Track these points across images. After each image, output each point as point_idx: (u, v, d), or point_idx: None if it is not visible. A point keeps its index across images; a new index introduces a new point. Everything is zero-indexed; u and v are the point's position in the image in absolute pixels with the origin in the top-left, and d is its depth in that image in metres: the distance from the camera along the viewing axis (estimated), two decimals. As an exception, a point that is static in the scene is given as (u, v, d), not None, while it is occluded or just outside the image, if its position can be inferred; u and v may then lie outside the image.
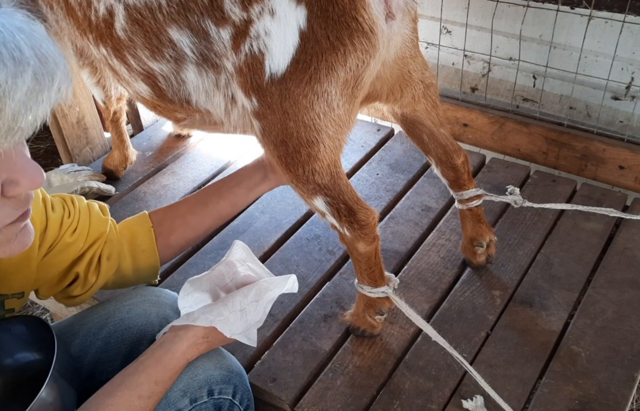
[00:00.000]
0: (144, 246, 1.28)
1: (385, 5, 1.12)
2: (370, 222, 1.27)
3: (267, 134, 1.19)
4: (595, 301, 1.49)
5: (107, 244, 1.24)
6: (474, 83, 2.28)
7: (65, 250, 1.17)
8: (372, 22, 1.09)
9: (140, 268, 1.30)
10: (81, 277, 1.21)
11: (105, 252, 1.23)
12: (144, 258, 1.29)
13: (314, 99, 1.12)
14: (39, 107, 0.75)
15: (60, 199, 1.19)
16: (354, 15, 1.07)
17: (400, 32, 1.22)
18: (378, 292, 1.36)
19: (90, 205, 1.24)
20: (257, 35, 1.09)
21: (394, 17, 1.14)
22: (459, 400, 1.29)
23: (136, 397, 1.03)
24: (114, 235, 1.25)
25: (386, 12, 1.13)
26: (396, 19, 1.16)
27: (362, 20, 1.08)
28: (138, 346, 1.23)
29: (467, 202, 1.53)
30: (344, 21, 1.07)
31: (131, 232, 1.29)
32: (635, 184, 1.88)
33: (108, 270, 1.24)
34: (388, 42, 1.17)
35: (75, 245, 1.18)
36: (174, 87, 1.25)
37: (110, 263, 1.24)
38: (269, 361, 1.42)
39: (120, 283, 1.31)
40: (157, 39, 1.18)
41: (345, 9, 1.07)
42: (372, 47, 1.11)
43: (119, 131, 2.05)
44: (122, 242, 1.26)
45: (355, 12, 1.07)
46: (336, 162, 1.22)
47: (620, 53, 1.88)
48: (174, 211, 1.35)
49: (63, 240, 1.16)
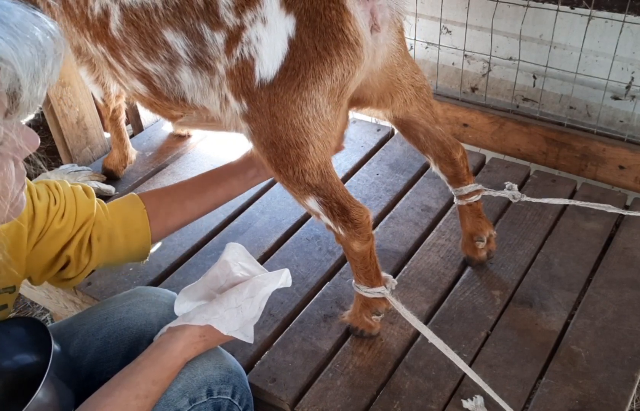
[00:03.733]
0: (137, 226, 1.30)
1: (370, 18, 1.14)
2: (363, 220, 1.27)
3: (256, 136, 1.21)
4: (595, 301, 1.49)
5: (96, 225, 1.24)
6: (474, 83, 2.28)
7: (55, 236, 1.18)
8: (357, 34, 1.11)
9: (132, 248, 1.31)
10: (73, 260, 1.22)
11: (95, 233, 1.24)
12: (138, 238, 1.30)
13: (302, 105, 1.14)
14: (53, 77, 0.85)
15: (44, 186, 1.19)
16: (340, 27, 1.10)
17: (386, 43, 1.24)
18: (374, 292, 1.37)
19: (74, 188, 1.24)
20: (248, 41, 1.11)
21: (379, 29, 1.17)
22: (459, 400, 1.29)
23: (133, 397, 1.03)
24: (102, 216, 1.26)
25: (371, 24, 1.15)
26: (382, 31, 1.18)
27: (347, 33, 1.10)
28: (137, 346, 1.23)
29: (466, 197, 1.53)
30: (331, 32, 1.10)
31: (124, 212, 1.29)
32: (635, 184, 1.88)
33: (100, 251, 1.25)
34: (374, 53, 1.19)
35: (65, 230, 1.19)
36: (169, 86, 1.26)
37: (102, 243, 1.25)
38: (269, 362, 1.42)
39: (112, 262, 1.32)
40: (152, 40, 1.19)
41: (332, 20, 1.09)
42: (358, 58, 1.14)
43: (118, 129, 2.05)
44: (114, 223, 1.27)
45: (341, 24, 1.10)
46: (326, 163, 1.23)
47: (620, 53, 1.88)
48: (171, 195, 1.37)
49: (52, 227, 1.17)
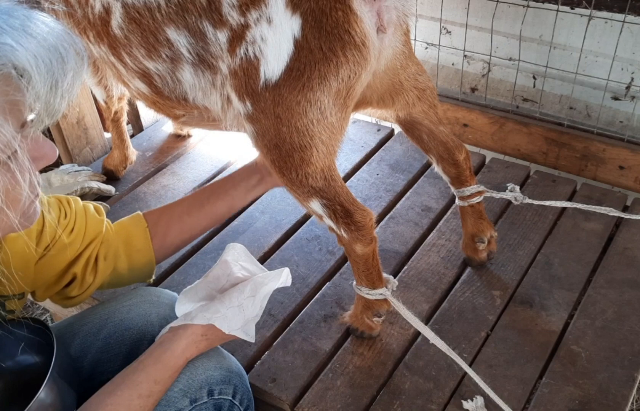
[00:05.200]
0: (139, 246, 1.29)
1: (377, 19, 1.14)
2: (367, 223, 1.27)
3: (260, 138, 1.20)
4: (595, 301, 1.49)
5: (103, 244, 1.24)
6: (474, 83, 2.28)
7: (63, 250, 1.17)
8: (364, 36, 1.11)
9: (135, 267, 1.30)
10: (78, 278, 1.21)
11: (102, 252, 1.24)
12: (140, 257, 1.30)
13: (307, 106, 1.13)
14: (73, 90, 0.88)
15: (56, 200, 1.20)
16: (346, 28, 1.09)
17: (392, 45, 1.24)
18: (376, 293, 1.37)
19: (86, 206, 1.25)
20: (253, 41, 1.10)
21: (385, 31, 1.16)
22: (459, 401, 1.29)
23: (136, 396, 1.04)
24: (109, 236, 1.26)
25: (378, 25, 1.14)
26: (388, 33, 1.17)
27: (354, 34, 1.10)
28: (138, 346, 1.23)
29: (468, 198, 1.53)
30: (337, 33, 1.09)
31: (126, 232, 1.29)
32: (635, 184, 1.88)
33: (105, 270, 1.25)
34: (379, 54, 1.18)
35: (73, 245, 1.19)
36: (170, 86, 1.26)
37: (107, 263, 1.25)
38: (269, 362, 1.42)
39: (116, 282, 1.31)
40: (154, 38, 1.19)
41: (339, 21, 1.08)
42: (364, 59, 1.13)
43: (120, 131, 2.05)
44: (118, 242, 1.27)
45: (348, 25, 1.09)
46: (330, 166, 1.23)
47: (620, 53, 1.88)
48: (170, 212, 1.35)
49: (60, 241, 1.17)
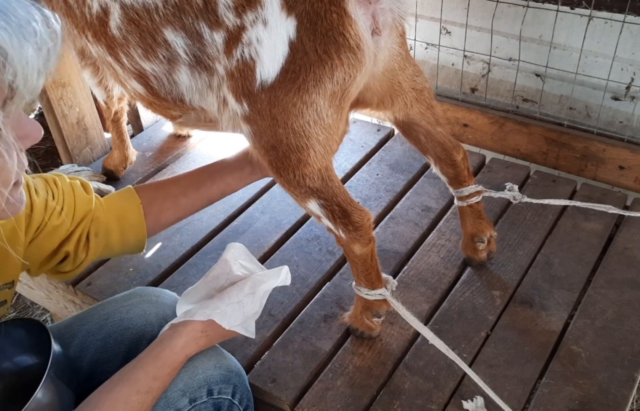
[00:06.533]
0: (132, 221, 1.31)
1: (372, 22, 1.13)
2: (364, 223, 1.27)
3: (257, 139, 1.20)
4: (595, 301, 1.49)
5: (94, 222, 1.25)
6: (474, 83, 2.28)
7: (53, 232, 1.18)
8: (358, 38, 1.11)
9: (127, 242, 1.32)
10: (71, 255, 1.23)
11: (93, 230, 1.25)
12: (133, 232, 1.31)
13: (303, 108, 1.14)
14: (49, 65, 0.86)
15: (42, 181, 1.19)
16: (341, 30, 1.09)
17: (388, 47, 1.24)
18: (375, 294, 1.37)
19: (73, 184, 1.25)
20: (249, 42, 1.11)
21: (380, 33, 1.16)
22: (459, 401, 1.29)
23: (134, 392, 1.04)
24: (100, 213, 1.27)
25: (373, 28, 1.14)
26: (383, 35, 1.17)
27: (348, 36, 1.10)
28: (137, 346, 1.23)
29: (467, 198, 1.53)
30: (332, 36, 1.09)
31: (120, 207, 1.30)
32: (635, 184, 1.88)
33: (97, 247, 1.26)
34: (375, 56, 1.18)
35: (63, 226, 1.19)
36: (166, 87, 1.26)
37: (99, 239, 1.26)
38: (269, 362, 1.42)
39: (108, 254, 1.35)
40: (152, 38, 1.19)
41: (333, 24, 1.08)
42: (359, 62, 1.13)
43: (120, 131, 2.05)
44: (110, 218, 1.28)
45: (342, 28, 1.09)
46: (327, 166, 1.23)
47: (620, 53, 1.88)
48: (165, 191, 1.37)
49: (50, 223, 1.17)
